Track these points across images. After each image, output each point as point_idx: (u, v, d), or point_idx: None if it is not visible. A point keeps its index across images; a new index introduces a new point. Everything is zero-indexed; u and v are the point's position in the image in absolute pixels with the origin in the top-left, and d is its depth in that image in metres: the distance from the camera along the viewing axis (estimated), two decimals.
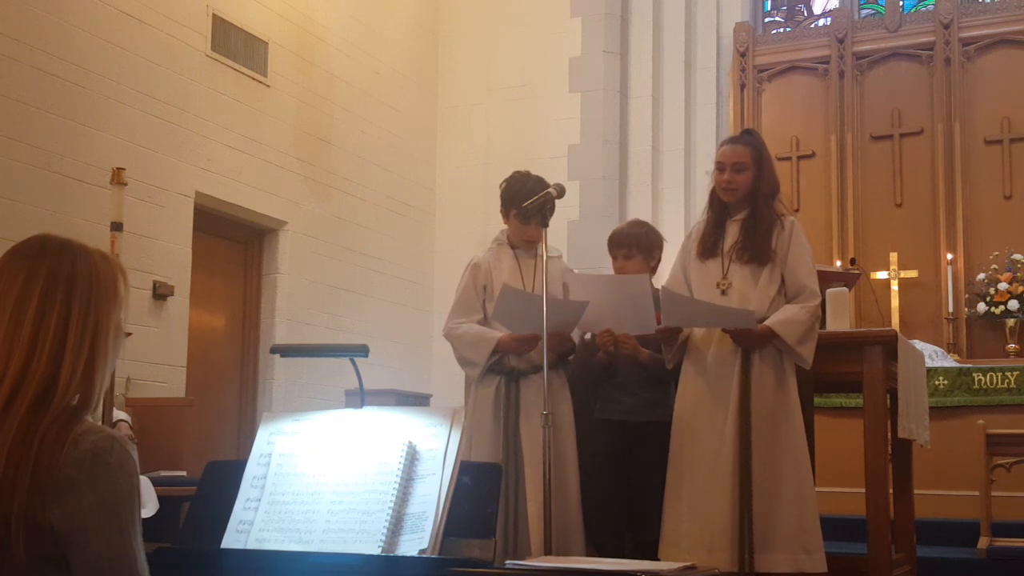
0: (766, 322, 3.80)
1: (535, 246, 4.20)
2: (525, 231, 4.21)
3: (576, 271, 4.54)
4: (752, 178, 3.95)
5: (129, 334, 5.46)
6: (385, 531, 2.21)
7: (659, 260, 4.38)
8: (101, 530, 1.62)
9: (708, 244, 3.99)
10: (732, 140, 4.11)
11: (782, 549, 3.71)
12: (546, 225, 3.87)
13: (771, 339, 3.79)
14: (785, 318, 3.80)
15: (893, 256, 8.66)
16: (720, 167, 3.99)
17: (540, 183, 4.15)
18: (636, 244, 4.31)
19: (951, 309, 8.47)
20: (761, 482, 3.72)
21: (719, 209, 4.04)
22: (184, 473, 5.76)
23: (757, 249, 3.89)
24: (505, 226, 4.36)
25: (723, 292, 3.92)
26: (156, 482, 5.16)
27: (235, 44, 7.39)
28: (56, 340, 1.69)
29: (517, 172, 4.35)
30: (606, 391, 4.21)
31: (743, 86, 9.35)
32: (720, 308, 3.83)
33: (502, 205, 4.30)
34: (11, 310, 1.69)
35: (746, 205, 3.97)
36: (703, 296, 3.94)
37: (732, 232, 3.97)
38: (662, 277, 4.27)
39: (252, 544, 2.29)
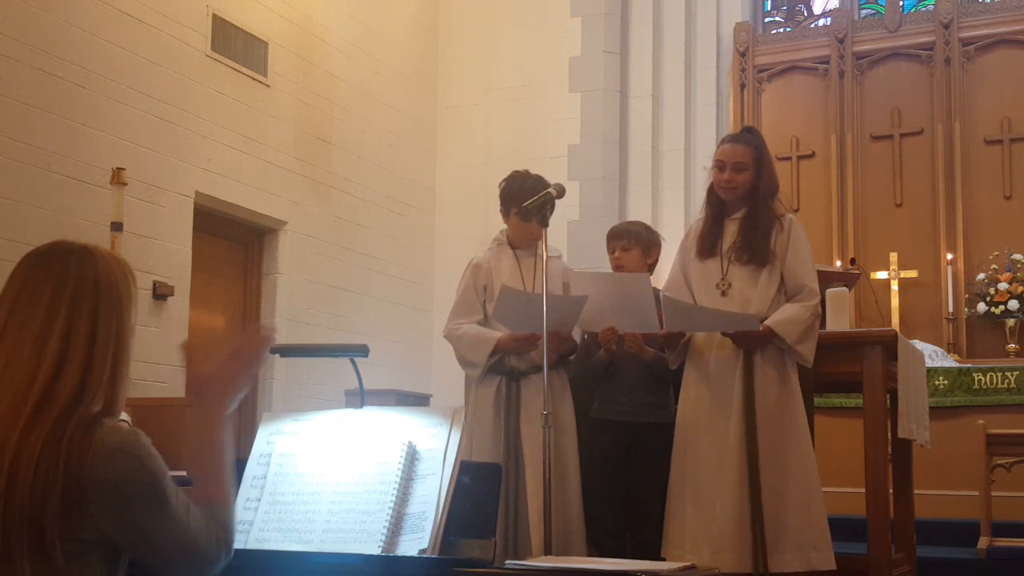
0: (766, 322, 3.79)
1: (535, 246, 4.20)
2: (525, 230, 4.21)
3: (576, 271, 4.54)
4: (752, 178, 3.93)
5: None
6: (385, 531, 2.21)
7: (656, 260, 4.38)
8: (152, 519, 1.70)
9: (707, 243, 3.98)
10: (733, 139, 4.09)
11: (792, 548, 3.70)
12: (546, 225, 3.87)
13: (771, 339, 3.78)
14: (785, 317, 3.79)
15: (893, 256, 8.65)
16: (720, 166, 3.97)
17: (540, 182, 4.15)
18: (635, 237, 4.32)
19: (951, 309, 8.46)
20: (769, 482, 3.71)
21: (717, 207, 4.02)
22: (184, 473, 5.74)
23: (756, 250, 3.88)
24: (505, 226, 4.36)
25: (723, 293, 3.91)
26: None
27: (235, 44, 7.38)
28: (85, 349, 1.74)
29: (517, 172, 4.35)
30: (605, 391, 4.20)
31: (743, 86, 9.35)
32: (724, 313, 3.82)
33: (502, 205, 4.30)
34: (41, 320, 1.73)
35: (745, 204, 3.96)
36: (704, 297, 3.92)
37: (731, 231, 3.95)
38: (660, 277, 4.26)
39: (252, 544, 2.29)
